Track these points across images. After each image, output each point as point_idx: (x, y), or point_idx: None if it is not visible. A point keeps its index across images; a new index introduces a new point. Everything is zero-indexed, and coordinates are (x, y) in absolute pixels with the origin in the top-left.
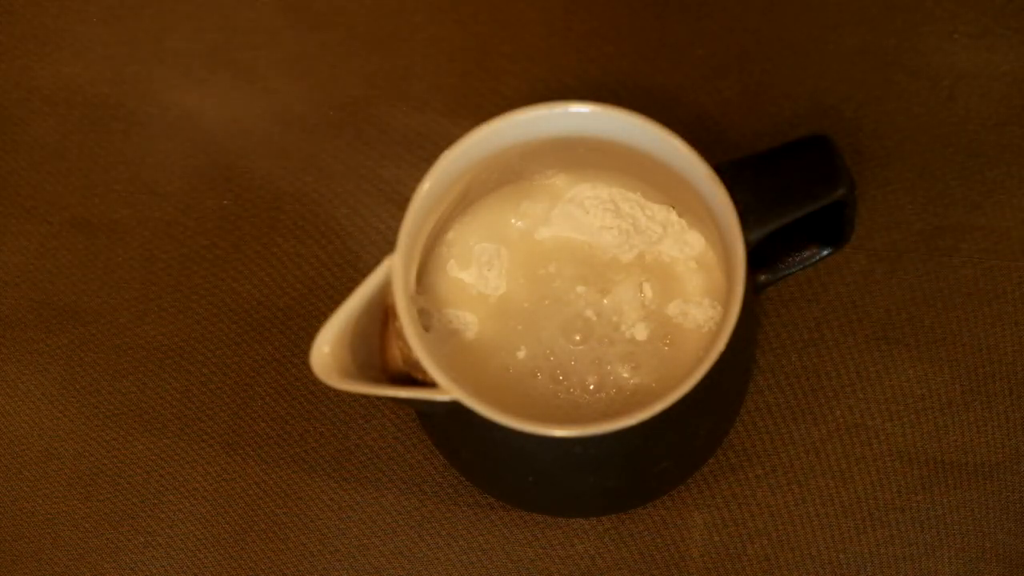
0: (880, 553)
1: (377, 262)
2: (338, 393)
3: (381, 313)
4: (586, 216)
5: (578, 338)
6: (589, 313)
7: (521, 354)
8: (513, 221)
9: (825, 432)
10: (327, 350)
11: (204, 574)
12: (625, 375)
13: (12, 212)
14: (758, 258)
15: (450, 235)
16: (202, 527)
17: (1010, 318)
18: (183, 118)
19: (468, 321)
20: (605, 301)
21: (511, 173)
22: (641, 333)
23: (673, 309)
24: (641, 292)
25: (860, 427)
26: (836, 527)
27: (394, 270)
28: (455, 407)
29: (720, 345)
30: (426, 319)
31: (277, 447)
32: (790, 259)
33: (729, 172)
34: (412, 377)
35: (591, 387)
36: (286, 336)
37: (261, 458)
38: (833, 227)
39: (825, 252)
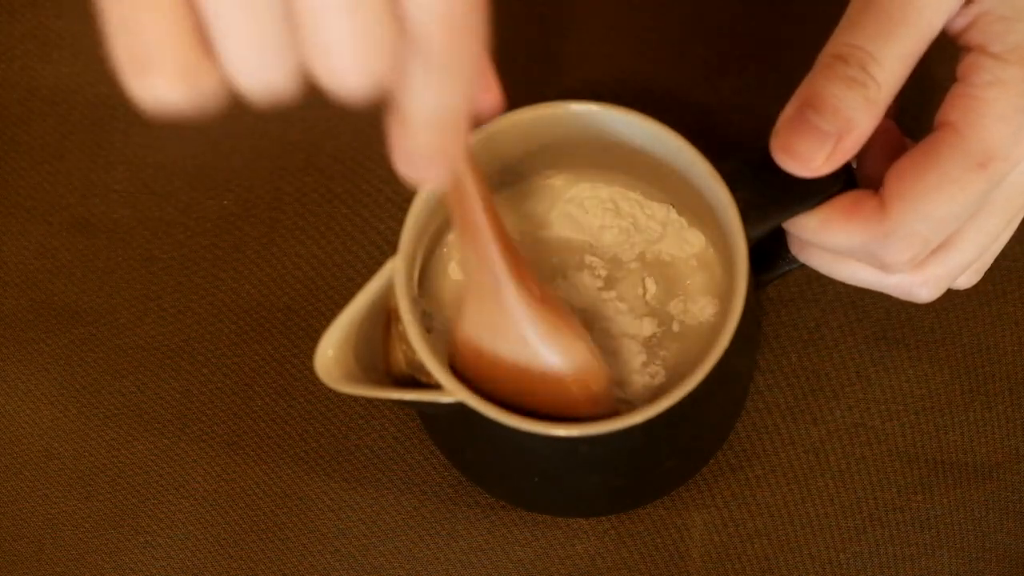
0: (880, 553)
1: (377, 262)
2: (340, 395)
3: (384, 316)
4: (586, 216)
5: None
6: (590, 312)
7: None
8: (513, 221)
9: (825, 432)
10: (331, 354)
11: (204, 574)
12: (628, 374)
13: (12, 212)
14: (758, 255)
15: (451, 236)
16: (202, 527)
17: (1010, 318)
18: (183, 118)
19: None
20: (606, 300)
21: (511, 173)
22: (643, 331)
23: (675, 307)
24: (643, 290)
25: (860, 427)
26: (836, 527)
27: (396, 272)
28: (459, 408)
29: (724, 341)
30: (428, 321)
31: (277, 447)
32: (790, 256)
33: (729, 170)
34: (416, 379)
35: None
36: (286, 336)
37: (261, 458)
38: None
39: None
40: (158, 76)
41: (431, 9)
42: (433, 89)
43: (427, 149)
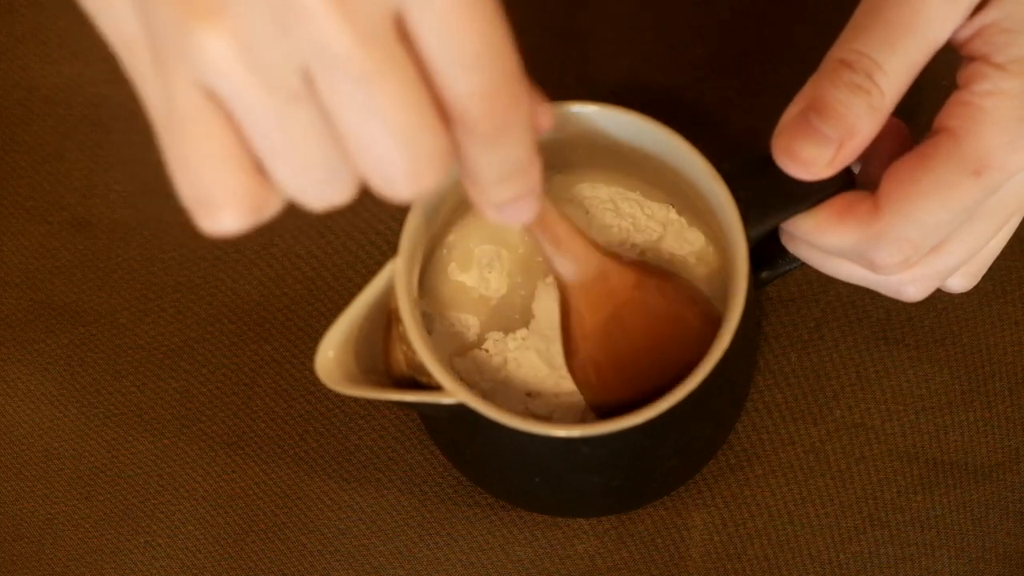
0: (880, 553)
1: (377, 263)
2: (340, 396)
3: (384, 317)
4: (586, 216)
5: None
6: None
7: None
8: None
9: (825, 432)
10: (332, 355)
11: (204, 574)
12: None
13: (12, 212)
14: (758, 255)
15: (450, 238)
16: (202, 527)
17: (1010, 318)
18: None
19: (470, 323)
20: None
21: None
22: None
23: None
24: None
25: (860, 427)
26: (836, 527)
27: (397, 274)
28: (460, 409)
29: (724, 341)
30: (428, 322)
31: (277, 447)
32: (790, 256)
33: (729, 170)
34: (416, 380)
35: None
36: (286, 336)
37: (261, 458)
38: None
39: None
40: (222, 212)
41: (471, 94)
42: (493, 157)
43: (508, 199)
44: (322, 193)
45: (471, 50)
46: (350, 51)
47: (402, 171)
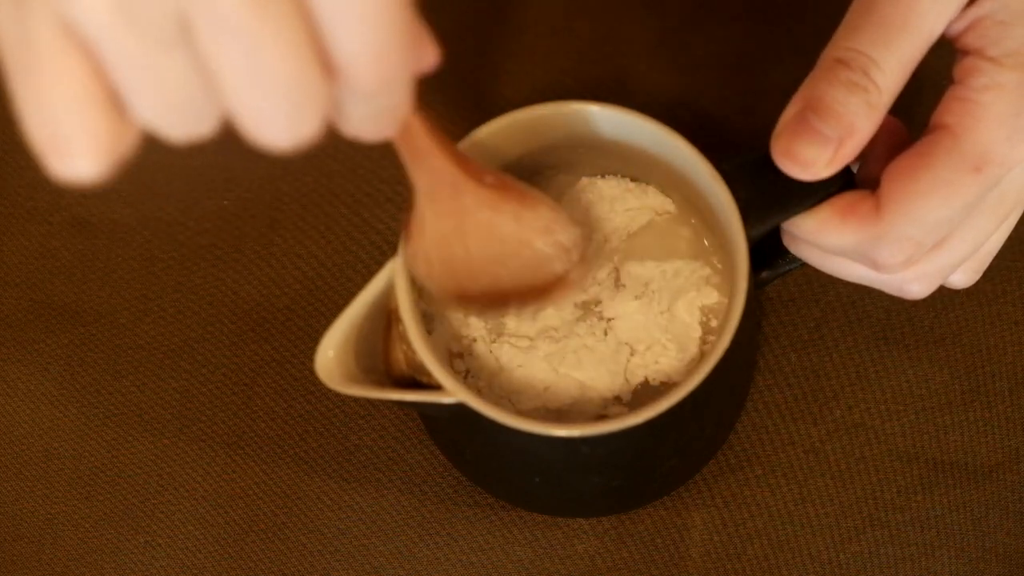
0: (880, 553)
1: (377, 262)
2: (340, 395)
3: (384, 317)
4: (585, 215)
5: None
6: (593, 310)
7: None
8: None
9: (825, 432)
10: (332, 354)
11: (204, 574)
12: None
13: (12, 212)
14: (758, 255)
15: None
16: (202, 527)
17: (1010, 318)
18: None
19: (470, 323)
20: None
21: (511, 173)
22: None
23: (680, 305)
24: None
25: (860, 427)
26: (836, 527)
27: (396, 273)
28: (460, 409)
29: (724, 341)
30: (428, 322)
31: (277, 447)
32: (790, 256)
33: (729, 170)
34: (416, 380)
35: None
36: (286, 336)
37: (261, 458)
38: None
39: None
40: (79, 155)
41: (357, 53)
42: (368, 105)
43: (372, 132)
44: (186, 129)
45: (362, 10)
46: (234, 3)
47: (282, 123)
